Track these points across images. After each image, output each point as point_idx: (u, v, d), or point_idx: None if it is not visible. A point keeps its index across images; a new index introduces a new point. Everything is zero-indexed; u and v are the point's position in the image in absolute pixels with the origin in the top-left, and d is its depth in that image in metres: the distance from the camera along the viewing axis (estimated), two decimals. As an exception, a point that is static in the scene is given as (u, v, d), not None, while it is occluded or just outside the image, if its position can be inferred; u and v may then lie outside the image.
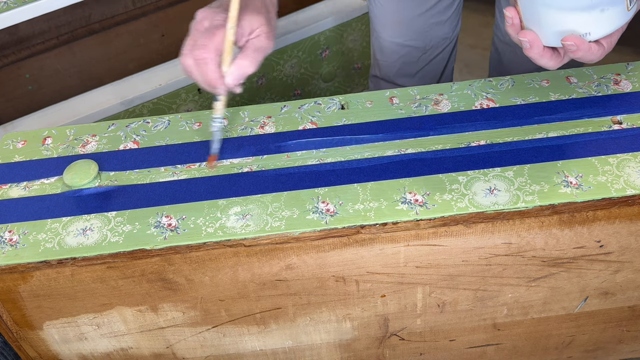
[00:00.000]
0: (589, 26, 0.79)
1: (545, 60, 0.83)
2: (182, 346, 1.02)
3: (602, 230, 0.92)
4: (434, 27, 1.43)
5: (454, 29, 1.48)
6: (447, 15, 1.43)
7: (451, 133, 0.98)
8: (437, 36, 1.46)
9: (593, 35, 0.80)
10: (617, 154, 0.93)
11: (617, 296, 1.02)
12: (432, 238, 0.90)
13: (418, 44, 1.46)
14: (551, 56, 0.83)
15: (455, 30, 1.49)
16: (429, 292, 0.98)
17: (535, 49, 0.82)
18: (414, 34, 1.44)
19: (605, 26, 0.80)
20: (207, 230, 0.89)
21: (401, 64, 1.51)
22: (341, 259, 0.92)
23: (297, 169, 0.96)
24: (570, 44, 0.79)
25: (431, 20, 1.42)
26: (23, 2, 1.39)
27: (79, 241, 0.89)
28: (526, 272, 0.96)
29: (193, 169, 0.97)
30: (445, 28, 1.45)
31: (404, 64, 1.50)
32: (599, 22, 0.79)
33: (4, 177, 0.99)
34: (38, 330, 0.97)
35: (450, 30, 1.47)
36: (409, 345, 1.07)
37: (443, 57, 1.52)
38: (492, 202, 0.88)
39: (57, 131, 1.06)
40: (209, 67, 0.93)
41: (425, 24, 1.42)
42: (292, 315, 0.99)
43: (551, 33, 0.81)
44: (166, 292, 0.93)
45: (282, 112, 1.05)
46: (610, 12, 0.78)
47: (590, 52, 0.80)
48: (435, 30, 1.44)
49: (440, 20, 1.42)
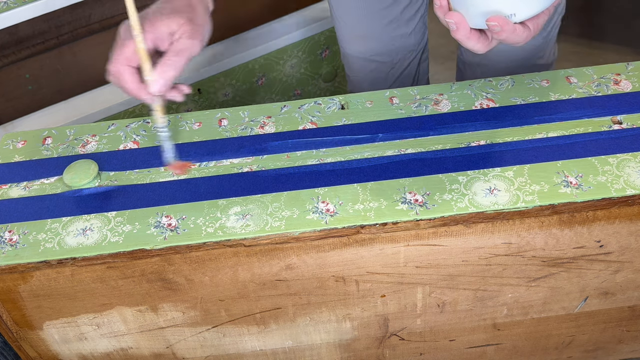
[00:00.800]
0: (514, 7, 0.78)
1: (473, 43, 0.82)
2: (182, 346, 1.02)
3: (602, 230, 0.92)
4: (398, 39, 1.41)
5: (419, 41, 1.46)
6: (410, 27, 1.40)
7: (451, 133, 0.98)
8: (403, 49, 1.44)
9: (518, 16, 0.79)
10: (617, 154, 0.92)
11: (617, 296, 1.02)
12: (432, 238, 0.90)
13: (384, 58, 1.44)
14: (478, 39, 0.82)
15: (421, 42, 1.47)
16: (429, 292, 0.98)
17: (461, 30, 0.81)
18: (378, 48, 1.42)
19: (530, 7, 0.79)
20: (207, 230, 0.89)
21: (371, 80, 1.48)
22: (341, 259, 0.92)
23: (297, 169, 0.95)
24: (494, 24, 0.78)
25: (394, 33, 1.39)
26: (23, 2, 1.39)
27: (79, 241, 0.89)
28: (526, 272, 0.96)
29: (193, 168, 0.97)
30: (410, 40, 1.43)
31: (373, 80, 1.48)
32: (524, 3, 0.78)
33: (4, 177, 0.99)
34: (38, 330, 0.97)
35: (416, 42, 1.45)
36: (408, 345, 1.07)
37: (410, 71, 1.50)
38: (492, 202, 0.88)
39: (57, 131, 1.06)
40: (125, 79, 0.91)
41: (388, 37, 1.39)
42: (292, 315, 0.99)
43: (477, 14, 0.80)
44: (166, 292, 0.93)
45: (282, 112, 1.05)
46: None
47: (515, 33, 0.79)
48: (400, 43, 1.42)
49: (404, 32, 1.40)
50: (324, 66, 1.95)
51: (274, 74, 1.87)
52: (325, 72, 1.96)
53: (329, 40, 1.89)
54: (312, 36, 1.85)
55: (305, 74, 1.93)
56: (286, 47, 1.83)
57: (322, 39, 1.87)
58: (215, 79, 1.76)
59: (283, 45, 1.82)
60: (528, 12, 0.79)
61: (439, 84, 1.06)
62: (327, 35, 1.87)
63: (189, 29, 0.92)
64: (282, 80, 1.90)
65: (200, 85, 1.74)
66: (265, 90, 1.88)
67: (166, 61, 0.91)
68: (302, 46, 1.85)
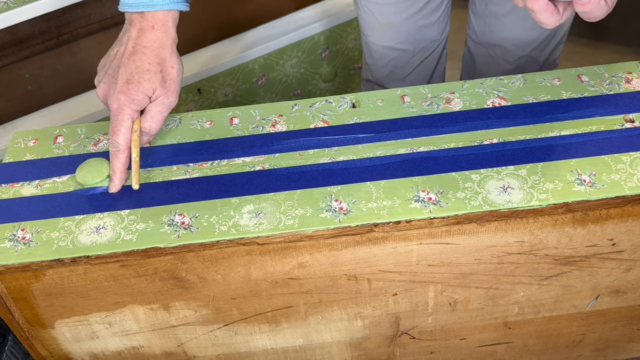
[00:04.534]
0: None
1: (546, 15, 0.81)
2: (193, 345, 1.02)
3: (614, 228, 0.92)
4: (422, 29, 1.42)
5: (442, 31, 1.47)
6: (435, 17, 1.42)
7: (463, 131, 0.98)
8: (426, 39, 1.45)
9: None
10: (630, 152, 0.93)
11: (628, 295, 1.03)
12: (445, 236, 0.90)
13: (407, 47, 1.45)
14: (553, 12, 0.81)
15: (444, 32, 1.48)
16: (441, 290, 0.98)
17: (540, 1, 0.80)
18: (402, 37, 1.43)
19: None
20: (220, 228, 0.89)
21: (391, 68, 1.50)
22: (354, 258, 0.92)
23: (309, 167, 0.95)
24: None
25: (419, 23, 1.41)
26: (23, 2, 1.38)
27: (93, 239, 0.89)
28: (538, 270, 0.96)
29: (205, 167, 0.97)
30: (433, 30, 1.44)
31: (394, 67, 1.50)
32: None
33: (16, 176, 0.99)
34: (49, 329, 0.97)
35: (439, 32, 1.46)
36: (419, 343, 1.07)
37: (432, 59, 1.51)
38: (506, 201, 0.88)
39: (69, 129, 1.06)
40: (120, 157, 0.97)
41: (413, 26, 1.41)
42: (304, 314, 0.99)
43: None
44: (178, 290, 0.93)
45: (293, 111, 1.04)
46: None
47: (599, 6, 0.79)
48: (424, 33, 1.44)
49: (428, 22, 1.41)
50: (324, 66, 1.95)
51: (274, 74, 1.86)
52: (325, 72, 1.96)
53: (329, 40, 1.89)
54: (312, 36, 1.85)
55: (305, 74, 1.93)
56: (286, 47, 1.83)
57: (322, 39, 1.87)
58: (215, 79, 1.76)
59: (283, 45, 1.82)
60: None
61: (450, 83, 1.06)
62: (327, 35, 1.87)
63: (164, 92, 0.98)
64: (282, 80, 1.90)
65: (200, 85, 1.74)
66: (265, 90, 1.88)
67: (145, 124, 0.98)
68: (302, 46, 1.85)
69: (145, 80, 0.95)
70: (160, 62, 0.97)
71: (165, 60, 0.97)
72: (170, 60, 0.97)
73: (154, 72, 0.95)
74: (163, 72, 0.97)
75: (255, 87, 1.85)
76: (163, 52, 0.97)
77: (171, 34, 0.98)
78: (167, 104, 0.98)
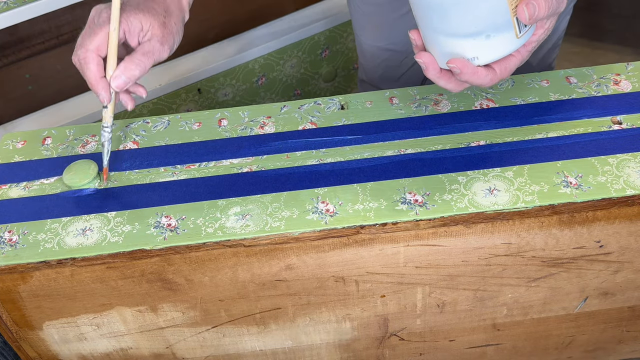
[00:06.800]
0: (475, 51, 0.80)
1: (444, 82, 0.84)
2: (181, 346, 1.02)
3: (602, 230, 0.92)
4: None
5: None
6: None
7: (451, 133, 0.98)
8: None
9: (481, 59, 0.81)
10: (616, 154, 0.92)
11: (616, 296, 1.02)
12: (431, 238, 0.90)
13: (399, 47, 1.45)
14: (449, 79, 0.84)
15: None
16: (429, 292, 0.97)
17: (431, 70, 0.83)
18: (394, 37, 1.42)
19: (492, 52, 0.81)
20: (206, 230, 0.89)
21: (384, 68, 1.50)
22: (341, 259, 0.92)
23: (296, 169, 0.95)
24: (453, 66, 0.80)
25: (411, 24, 1.39)
26: (23, 2, 1.39)
27: (79, 241, 0.89)
28: (526, 272, 0.96)
29: (193, 169, 0.97)
30: None
31: (386, 68, 1.49)
32: (486, 47, 0.80)
33: (4, 177, 0.99)
34: (38, 331, 0.97)
35: None
36: (408, 345, 1.07)
37: None
38: (492, 203, 0.88)
39: (57, 131, 1.06)
40: (90, 68, 0.90)
41: (405, 27, 1.40)
42: (292, 316, 0.99)
43: (443, 56, 0.82)
44: (166, 292, 0.93)
45: (281, 112, 1.05)
46: (496, 39, 0.79)
47: (476, 75, 0.81)
48: None
49: None
50: (324, 66, 1.95)
51: (274, 74, 1.87)
52: (325, 72, 1.97)
53: (329, 40, 1.89)
54: (312, 36, 1.85)
55: (305, 74, 1.93)
56: (286, 47, 1.83)
57: (322, 39, 1.87)
58: (215, 79, 1.76)
59: (283, 45, 1.82)
60: (490, 56, 0.81)
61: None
62: (327, 35, 1.87)
63: (161, 33, 0.93)
64: (282, 80, 1.90)
65: (200, 85, 1.74)
66: (265, 90, 1.89)
67: (133, 59, 0.91)
68: (302, 46, 1.85)
69: (147, 11, 0.91)
70: (167, 10, 0.94)
71: (171, 14, 0.94)
72: (175, 17, 0.95)
73: (159, 12, 0.92)
74: (166, 19, 0.93)
75: (255, 87, 1.86)
76: (171, 7, 0.95)
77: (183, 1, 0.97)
78: (158, 51, 0.93)
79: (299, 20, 1.86)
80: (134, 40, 0.93)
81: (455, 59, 0.80)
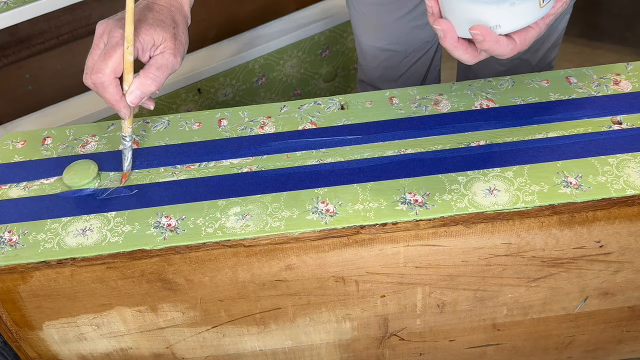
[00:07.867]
0: (499, 19, 0.79)
1: (460, 52, 0.82)
2: (181, 346, 1.02)
3: (601, 230, 0.92)
4: (413, 31, 1.41)
5: (434, 33, 1.46)
6: (426, 19, 1.40)
7: (451, 133, 0.98)
8: (418, 40, 1.44)
9: (503, 28, 0.79)
10: (616, 154, 0.92)
11: (616, 296, 1.02)
12: (431, 238, 0.90)
13: (398, 48, 1.44)
14: (466, 49, 0.82)
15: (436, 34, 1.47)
16: (429, 292, 0.97)
17: (449, 39, 0.81)
18: (393, 38, 1.42)
19: (515, 20, 0.79)
20: (206, 230, 0.89)
21: (383, 69, 1.49)
22: (341, 259, 0.92)
23: (296, 169, 0.95)
24: (476, 32, 0.78)
25: (410, 24, 1.40)
26: (23, 2, 1.39)
27: (79, 241, 0.89)
28: (526, 272, 0.96)
29: (192, 169, 0.97)
30: (425, 32, 1.43)
31: (386, 69, 1.49)
32: (509, 15, 0.78)
33: (4, 177, 0.99)
34: (38, 331, 0.97)
35: (431, 34, 1.45)
36: (408, 345, 1.07)
37: (425, 60, 1.50)
38: (492, 203, 0.88)
39: (57, 131, 1.06)
40: (108, 91, 0.90)
41: (404, 28, 1.40)
42: (292, 316, 0.99)
43: (463, 23, 0.80)
44: (166, 292, 0.93)
45: (281, 112, 1.05)
46: (521, 6, 0.78)
47: (498, 44, 0.79)
48: (416, 34, 1.42)
49: (420, 24, 1.40)
50: (324, 66, 1.95)
51: (274, 74, 1.87)
52: (325, 72, 1.96)
53: (329, 40, 1.89)
54: (312, 36, 1.85)
55: (305, 74, 1.93)
56: (286, 47, 1.83)
57: (322, 39, 1.87)
58: (215, 79, 1.76)
59: (283, 45, 1.82)
60: (513, 24, 0.80)
61: (438, 84, 1.06)
62: (327, 35, 1.87)
63: (173, 45, 0.93)
64: (282, 80, 1.90)
65: (200, 85, 1.74)
66: (265, 90, 1.89)
67: (148, 74, 0.91)
68: (302, 46, 1.85)
69: (157, 25, 0.92)
70: (174, 21, 0.94)
71: (178, 24, 0.95)
72: (182, 27, 0.95)
73: (168, 24, 0.93)
74: (175, 30, 0.93)
75: (255, 87, 1.86)
76: (177, 16, 0.95)
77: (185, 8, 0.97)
78: (172, 63, 0.93)
79: (299, 20, 1.86)
80: (146, 56, 0.93)
81: (479, 25, 0.78)
